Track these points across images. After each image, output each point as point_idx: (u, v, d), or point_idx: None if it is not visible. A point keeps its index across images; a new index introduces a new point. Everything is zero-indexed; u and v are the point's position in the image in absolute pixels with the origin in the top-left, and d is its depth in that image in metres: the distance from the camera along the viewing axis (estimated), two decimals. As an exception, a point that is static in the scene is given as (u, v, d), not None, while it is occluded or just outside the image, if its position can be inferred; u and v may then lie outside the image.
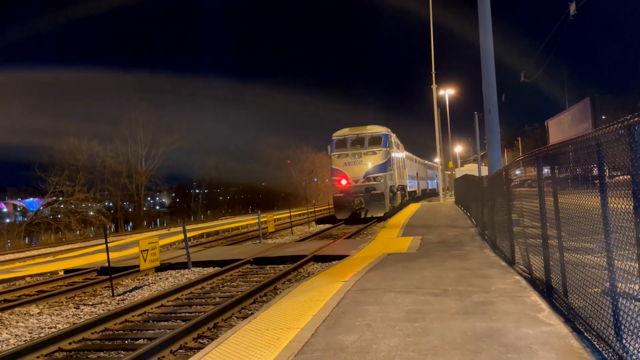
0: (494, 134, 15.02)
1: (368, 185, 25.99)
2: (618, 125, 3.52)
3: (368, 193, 25.93)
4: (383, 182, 26.11)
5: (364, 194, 25.99)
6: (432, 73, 39.14)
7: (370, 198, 25.83)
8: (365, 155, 26.28)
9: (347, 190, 26.29)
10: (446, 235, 15.01)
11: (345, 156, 26.57)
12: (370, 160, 26.23)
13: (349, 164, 26.44)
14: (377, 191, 25.86)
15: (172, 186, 64.69)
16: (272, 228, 23.10)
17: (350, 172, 26.34)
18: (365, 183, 26.06)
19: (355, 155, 26.38)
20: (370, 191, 25.94)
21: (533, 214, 6.83)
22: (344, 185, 26.40)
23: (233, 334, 5.78)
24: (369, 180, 26.08)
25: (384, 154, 26.48)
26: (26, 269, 15.64)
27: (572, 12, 13.73)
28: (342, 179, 26.50)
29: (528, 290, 6.90)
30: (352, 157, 26.47)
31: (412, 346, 4.81)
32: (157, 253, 12.29)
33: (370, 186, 25.98)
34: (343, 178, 26.46)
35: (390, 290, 7.46)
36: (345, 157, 26.57)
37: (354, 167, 26.37)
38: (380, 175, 26.11)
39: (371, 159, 26.24)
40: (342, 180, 26.49)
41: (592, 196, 4.21)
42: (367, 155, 26.28)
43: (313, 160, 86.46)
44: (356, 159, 26.35)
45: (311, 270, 12.35)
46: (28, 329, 8.50)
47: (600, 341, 4.29)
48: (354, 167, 26.37)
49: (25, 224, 40.92)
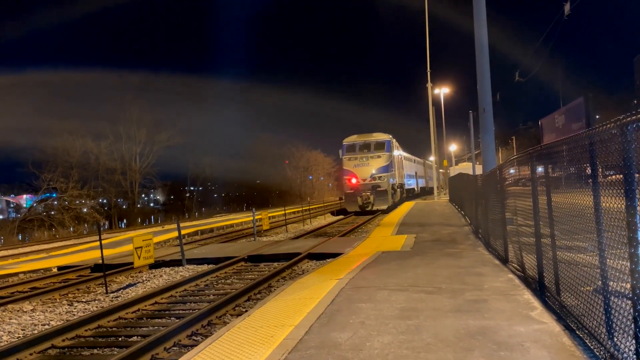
0: (488, 132, 15.06)
1: (374, 183, 30.81)
2: (611, 125, 3.54)
3: (374, 190, 30.70)
4: (386, 181, 30.86)
5: (371, 190, 30.73)
6: (428, 71, 39.31)
7: (376, 194, 30.64)
8: (371, 159, 31.29)
9: (357, 188, 31.12)
10: (440, 234, 15.06)
11: (355, 159, 31.58)
12: (376, 163, 31.22)
13: (357, 165, 31.43)
14: (381, 188, 30.70)
15: (167, 183, 64.33)
16: (266, 226, 23.10)
17: (359, 173, 31.20)
18: (372, 182, 30.85)
19: (363, 159, 31.42)
20: (376, 188, 30.71)
21: (526, 213, 6.86)
22: (354, 183, 31.27)
23: (227, 331, 5.78)
24: (375, 179, 30.90)
25: (387, 157, 31.42)
26: (19, 266, 15.57)
27: (566, 12, 13.78)
28: (352, 178, 31.37)
29: (521, 289, 6.94)
30: (360, 159, 31.48)
31: (406, 344, 4.83)
32: (151, 250, 12.27)
33: (375, 184, 30.79)
34: (353, 177, 31.32)
35: (384, 288, 7.49)
36: (354, 160, 31.60)
37: (362, 169, 31.27)
38: (383, 175, 30.96)
39: (376, 161, 31.24)
40: (352, 179, 31.37)
41: (585, 195, 4.23)
42: (373, 159, 31.28)
43: (308, 158, 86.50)
44: (364, 162, 31.36)
45: (305, 268, 12.36)
46: (21, 325, 8.47)
47: (592, 339, 4.32)
48: (362, 169, 31.27)
49: (19, 220, 40.69)
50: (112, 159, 50.83)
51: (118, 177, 51.45)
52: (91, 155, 48.24)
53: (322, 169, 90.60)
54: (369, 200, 30.79)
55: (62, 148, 44.79)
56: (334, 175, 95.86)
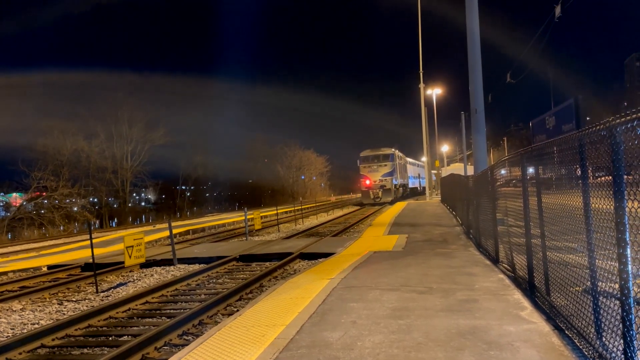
0: (480, 133, 15.15)
1: (381, 184, 43.87)
2: (600, 127, 3.57)
3: (382, 188, 43.86)
4: (390, 182, 43.94)
5: (379, 188, 43.91)
6: (420, 72, 39.49)
7: (383, 191, 43.88)
8: (380, 167, 44.37)
9: (370, 187, 44.35)
10: (432, 234, 15.12)
11: (369, 167, 44.73)
12: (383, 170, 44.26)
13: (370, 171, 44.53)
14: (386, 187, 43.85)
15: (158, 182, 63.85)
16: (258, 225, 23.06)
17: (371, 176, 44.27)
18: (380, 183, 43.87)
19: (374, 166, 44.49)
20: (383, 187, 43.87)
21: (517, 214, 6.91)
22: (368, 184, 44.48)
23: (218, 330, 5.77)
24: (382, 181, 43.90)
25: (390, 165, 44.54)
26: (9, 265, 15.44)
27: (557, 14, 13.88)
28: (366, 180, 44.60)
29: (511, 289, 6.98)
30: (372, 167, 44.53)
31: (397, 343, 4.85)
32: (142, 249, 12.21)
33: (382, 184, 43.88)
34: (367, 179, 44.49)
35: (376, 288, 7.51)
36: (368, 167, 44.74)
37: (373, 173, 44.30)
38: (388, 178, 43.99)
39: (383, 169, 44.30)
40: (366, 180, 44.60)
41: (575, 196, 4.27)
42: (381, 167, 44.39)
43: (301, 157, 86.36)
44: (374, 169, 44.40)
45: (297, 268, 12.36)
46: (10, 324, 8.41)
47: (581, 339, 4.36)
48: (373, 173, 44.30)
49: (8, 219, 40.28)
50: (103, 158, 50.54)
51: (109, 176, 51.15)
52: (82, 153, 47.92)
53: (314, 169, 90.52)
54: (378, 195, 43.75)
55: (52, 146, 44.49)
56: (327, 175, 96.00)
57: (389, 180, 43.80)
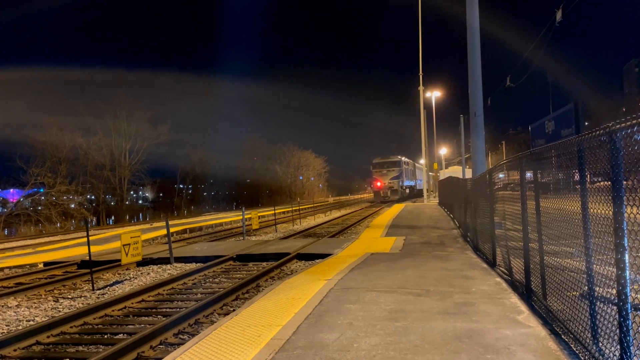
0: (479, 136, 15.14)
1: (390, 185, 53.36)
2: (600, 132, 3.57)
3: (390, 189, 53.25)
4: (397, 184, 53.31)
5: (389, 189, 53.25)
6: (420, 75, 39.56)
7: (391, 191, 53.14)
8: (388, 171, 53.60)
9: (381, 188, 53.95)
10: (429, 236, 15.12)
11: (380, 171, 54.13)
12: (391, 174, 53.41)
13: (381, 175, 53.92)
14: (394, 188, 53.20)
15: (156, 180, 63.80)
16: (256, 225, 23.05)
17: (382, 179, 53.73)
18: (389, 184, 53.36)
19: (384, 171, 53.75)
20: (391, 188, 53.14)
21: (515, 217, 6.91)
22: (379, 185, 54.09)
23: (214, 330, 5.76)
24: (390, 183, 53.34)
25: (397, 170, 53.66)
26: (5, 261, 15.39)
27: (558, 18, 13.89)
28: (377, 182, 54.25)
29: (508, 292, 6.98)
30: (382, 172, 53.81)
31: (393, 345, 4.85)
32: (139, 247, 12.18)
33: (391, 186, 53.29)
34: (378, 182, 54.10)
35: (373, 290, 7.50)
36: (379, 172, 54.15)
37: (383, 177, 53.67)
38: (395, 181, 53.34)
39: (391, 173, 53.44)
40: (377, 182, 54.27)
41: (573, 201, 4.27)
42: (389, 171, 53.54)
43: (299, 158, 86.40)
44: (384, 173, 53.69)
45: (294, 268, 12.35)
46: (5, 321, 8.38)
47: (577, 344, 4.36)
48: (383, 177, 53.67)
49: (5, 215, 40.20)
50: (101, 155, 50.44)
51: (107, 174, 51.03)
52: (80, 150, 47.84)
53: (312, 170, 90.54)
54: (387, 195, 52.84)
55: (50, 143, 44.35)
56: (325, 176, 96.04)
57: (396, 182, 53.38)
